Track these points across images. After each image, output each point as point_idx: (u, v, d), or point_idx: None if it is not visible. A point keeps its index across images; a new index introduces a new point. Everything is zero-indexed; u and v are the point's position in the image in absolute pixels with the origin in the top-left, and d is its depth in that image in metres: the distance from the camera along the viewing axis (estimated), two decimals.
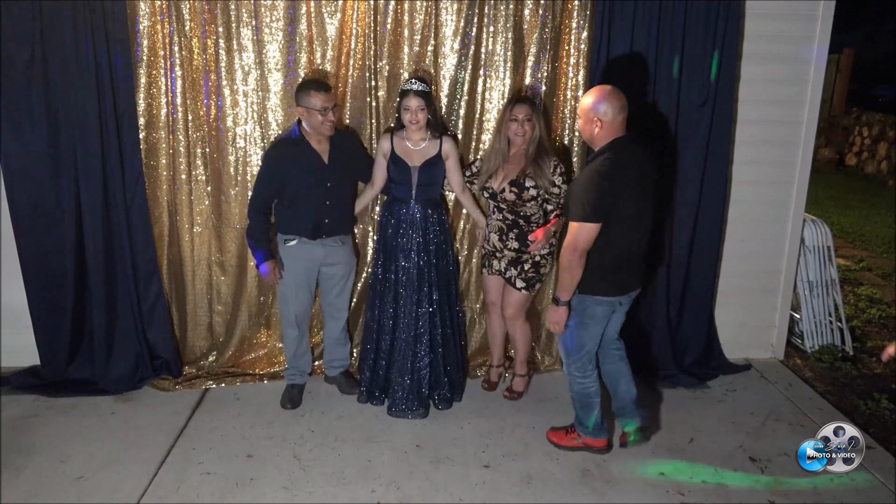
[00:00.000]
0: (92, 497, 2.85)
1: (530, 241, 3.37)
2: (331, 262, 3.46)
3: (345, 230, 3.49)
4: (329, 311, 3.63)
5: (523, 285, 3.44)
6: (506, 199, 3.34)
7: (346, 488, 2.93)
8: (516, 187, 3.31)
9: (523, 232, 3.39)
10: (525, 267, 3.42)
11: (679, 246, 3.84)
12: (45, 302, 3.62)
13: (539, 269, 3.45)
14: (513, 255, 3.42)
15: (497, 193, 3.36)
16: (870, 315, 5.07)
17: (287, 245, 3.38)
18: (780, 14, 3.71)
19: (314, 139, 3.29)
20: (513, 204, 3.35)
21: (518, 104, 3.29)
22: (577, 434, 3.20)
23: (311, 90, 3.16)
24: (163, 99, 3.50)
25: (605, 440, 3.19)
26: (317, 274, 3.49)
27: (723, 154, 3.76)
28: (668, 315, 3.93)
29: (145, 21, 3.39)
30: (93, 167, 3.44)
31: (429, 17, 3.51)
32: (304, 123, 3.26)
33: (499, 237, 3.43)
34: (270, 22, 3.47)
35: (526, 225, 3.38)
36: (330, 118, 3.19)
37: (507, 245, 3.42)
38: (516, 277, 3.43)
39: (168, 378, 3.73)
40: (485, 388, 3.76)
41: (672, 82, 3.60)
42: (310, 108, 3.17)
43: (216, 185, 3.65)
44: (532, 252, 3.39)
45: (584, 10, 3.51)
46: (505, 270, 3.46)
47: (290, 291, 3.45)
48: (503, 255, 3.45)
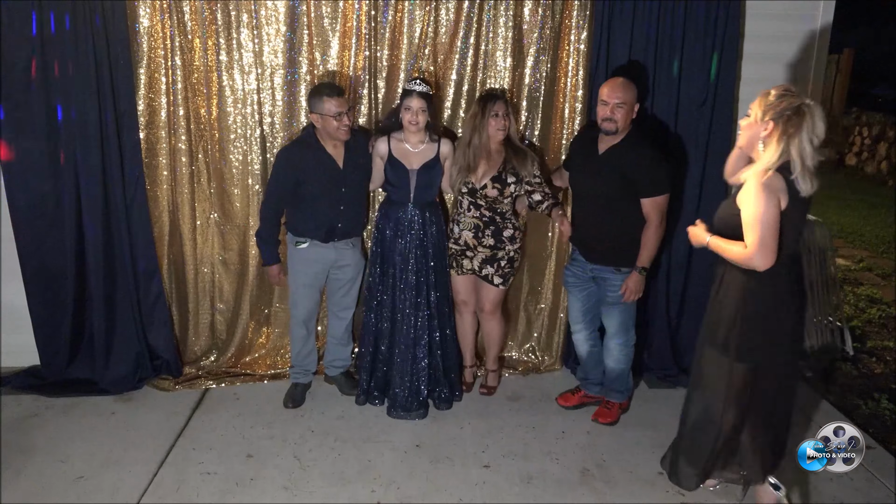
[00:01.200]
0: (92, 497, 2.85)
1: (509, 240, 3.42)
2: (341, 264, 3.46)
3: (357, 232, 3.50)
4: (334, 310, 3.63)
5: (500, 281, 3.46)
6: (487, 195, 3.33)
7: (346, 488, 2.93)
8: (499, 183, 3.31)
9: (499, 228, 3.39)
10: (501, 263, 3.44)
11: (679, 246, 3.84)
12: (44, 302, 3.62)
13: (513, 264, 3.49)
14: (487, 252, 3.42)
15: (477, 190, 3.34)
16: (870, 315, 5.07)
17: (298, 247, 3.38)
18: (780, 14, 3.71)
19: (329, 143, 3.26)
20: (493, 200, 3.34)
21: (497, 101, 3.26)
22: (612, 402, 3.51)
23: (324, 96, 3.12)
24: (163, 99, 3.50)
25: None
26: (326, 275, 3.49)
27: (723, 154, 3.74)
28: (668, 315, 3.93)
29: (145, 21, 3.39)
30: (93, 167, 3.43)
31: (428, 17, 3.51)
32: (320, 129, 3.22)
33: (473, 234, 3.41)
34: (270, 22, 3.47)
35: (501, 221, 3.39)
36: (345, 122, 3.15)
37: (482, 242, 3.41)
38: (493, 274, 3.45)
39: (168, 378, 3.73)
40: (462, 390, 3.72)
41: (672, 82, 3.60)
42: (324, 114, 3.14)
43: (216, 185, 3.65)
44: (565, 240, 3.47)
45: (584, 10, 3.51)
46: (480, 269, 3.46)
47: (300, 292, 3.46)
48: (476, 254, 3.44)
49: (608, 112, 3.04)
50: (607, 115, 3.04)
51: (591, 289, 3.39)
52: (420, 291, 3.42)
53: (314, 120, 3.21)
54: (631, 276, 3.20)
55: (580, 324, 3.49)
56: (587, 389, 3.63)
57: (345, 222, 3.38)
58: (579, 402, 3.61)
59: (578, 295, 3.44)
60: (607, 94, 3.04)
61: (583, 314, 3.46)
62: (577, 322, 3.50)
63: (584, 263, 3.36)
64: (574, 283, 3.44)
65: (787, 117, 2.29)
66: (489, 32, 3.57)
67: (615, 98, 3.02)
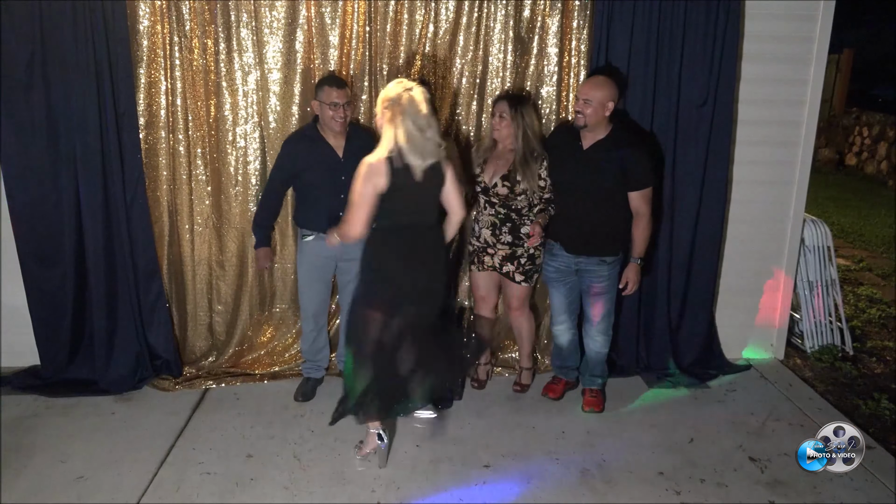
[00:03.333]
0: (92, 497, 2.85)
1: (526, 237, 3.39)
2: (347, 257, 3.46)
3: None
4: (344, 305, 3.64)
5: (522, 278, 3.48)
6: (498, 193, 3.37)
7: (346, 488, 2.93)
8: (508, 181, 3.35)
9: (515, 225, 3.41)
10: (521, 261, 3.45)
11: (679, 246, 3.84)
12: (44, 302, 3.62)
13: (535, 261, 3.50)
14: (507, 249, 3.44)
15: (489, 188, 3.39)
16: (870, 315, 5.07)
17: (304, 241, 3.43)
18: (780, 14, 3.71)
19: (330, 135, 3.34)
20: (505, 198, 3.37)
21: (499, 101, 3.37)
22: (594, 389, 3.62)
23: (326, 85, 3.25)
24: (163, 99, 3.50)
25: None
26: (334, 269, 3.53)
27: (723, 154, 3.76)
28: (669, 315, 3.93)
29: (145, 21, 3.39)
30: (93, 167, 3.44)
31: (428, 17, 3.51)
32: (320, 118, 3.33)
33: (491, 232, 3.44)
34: (270, 22, 3.47)
35: (518, 218, 3.40)
36: (340, 114, 3.25)
37: (500, 239, 3.44)
38: (514, 272, 3.46)
39: (168, 378, 3.73)
40: (475, 387, 3.75)
41: (672, 82, 3.60)
42: (322, 101, 3.26)
43: (216, 185, 3.65)
44: (529, 246, 3.40)
45: (583, 10, 3.52)
46: (501, 266, 3.48)
47: (306, 286, 3.50)
48: (496, 251, 3.46)
49: (578, 107, 3.25)
50: (577, 110, 3.25)
51: (573, 281, 3.49)
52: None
53: (314, 107, 3.33)
54: (630, 268, 3.36)
55: (563, 315, 3.57)
56: (566, 376, 3.74)
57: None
58: (563, 391, 3.72)
59: (562, 289, 3.52)
60: (580, 90, 3.28)
61: (566, 306, 3.55)
62: (561, 314, 3.58)
63: (566, 257, 3.43)
64: (556, 277, 3.50)
65: (392, 106, 2.68)
66: (489, 32, 3.57)
67: (584, 95, 3.21)
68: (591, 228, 3.33)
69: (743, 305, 4.13)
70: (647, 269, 3.69)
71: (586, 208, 3.32)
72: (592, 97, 3.17)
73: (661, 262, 3.84)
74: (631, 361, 3.96)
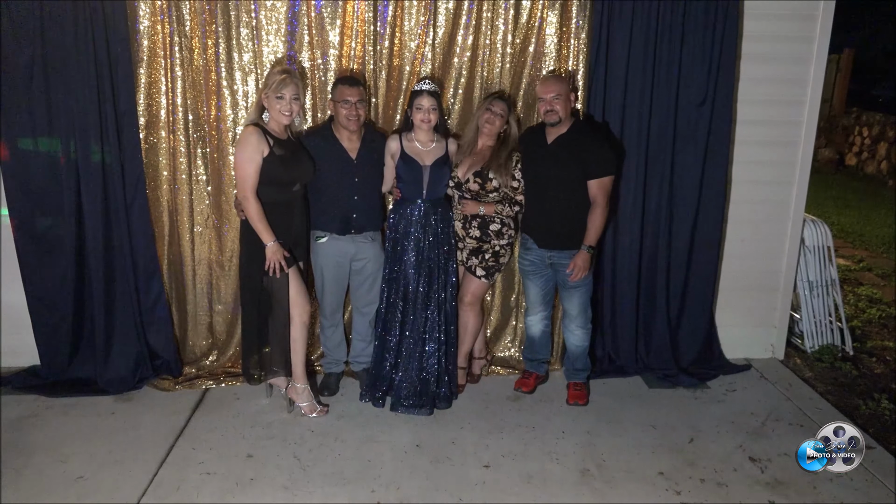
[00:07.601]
0: (92, 497, 2.85)
1: (496, 234, 3.47)
2: (360, 257, 3.52)
3: (374, 227, 3.55)
4: (357, 305, 3.68)
5: (483, 273, 3.53)
6: (469, 189, 3.45)
7: (346, 488, 2.93)
8: (480, 178, 3.42)
9: (485, 221, 3.48)
10: (486, 256, 3.51)
11: (679, 246, 3.84)
12: (45, 302, 3.62)
13: (498, 259, 3.54)
14: (474, 243, 3.51)
15: (462, 183, 3.46)
16: (870, 315, 5.07)
17: (318, 242, 3.45)
18: (780, 14, 3.71)
19: (344, 135, 3.37)
20: (476, 194, 3.45)
21: (497, 100, 3.42)
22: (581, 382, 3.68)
23: (339, 84, 3.31)
24: (163, 99, 3.50)
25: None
26: (348, 269, 3.55)
27: (722, 154, 3.76)
28: (668, 315, 3.93)
29: (145, 21, 3.39)
30: (93, 167, 3.44)
31: (428, 18, 3.51)
32: (335, 118, 3.36)
33: (462, 225, 3.53)
34: (270, 22, 3.47)
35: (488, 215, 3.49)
36: (353, 112, 3.28)
37: (469, 233, 3.51)
38: (477, 266, 3.52)
39: (168, 378, 3.73)
40: (469, 382, 3.78)
41: (671, 82, 3.60)
42: (336, 99, 3.31)
43: (216, 185, 3.65)
44: (468, 213, 3.47)
45: (583, 10, 3.52)
46: (466, 259, 3.55)
47: (323, 286, 3.54)
48: (465, 245, 3.54)
49: (549, 105, 3.31)
50: (548, 108, 3.32)
51: (548, 274, 3.56)
52: (430, 288, 3.47)
53: (329, 107, 3.39)
54: (579, 254, 3.37)
55: (538, 306, 3.64)
56: (536, 370, 3.80)
57: (360, 214, 3.44)
58: (535, 385, 3.78)
59: (537, 281, 3.58)
60: (543, 90, 3.33)
61: (541, 298, 3.63)
62: (536, 305, 3.64)
63: (538, 251, 3.49)
64: (531, 269, 3.56)
65: (265, 84, 3.14)
66: (489, 32, 3.57)
67: (552, 92, 3.28)
68: (561, 222, 3.40)
69: (743, 305, 4.13)
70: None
71: (555, 203, 3.39)
72: (560, 91, 3.28)
73: (661, 262, 3.85)
74: (631, 361, 3.96)
